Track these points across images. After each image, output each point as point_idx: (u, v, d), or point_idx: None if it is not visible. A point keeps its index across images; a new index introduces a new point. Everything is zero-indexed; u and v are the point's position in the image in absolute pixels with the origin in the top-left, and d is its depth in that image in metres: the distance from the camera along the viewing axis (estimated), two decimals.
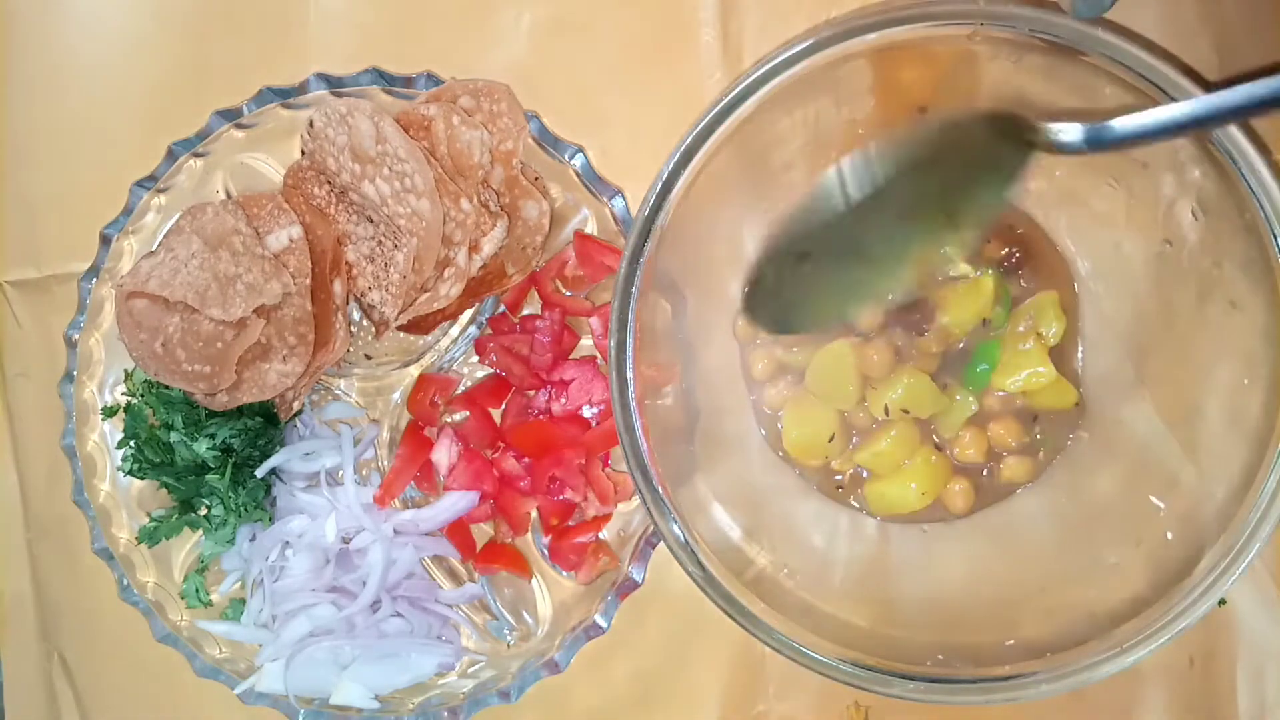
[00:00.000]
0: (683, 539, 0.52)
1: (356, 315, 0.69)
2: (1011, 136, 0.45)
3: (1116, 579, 0.54)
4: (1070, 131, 0.44)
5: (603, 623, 0.64)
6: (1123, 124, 0.42)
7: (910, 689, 0.51)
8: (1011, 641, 0.54)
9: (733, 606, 0.52)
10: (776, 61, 0.50)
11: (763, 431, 0.63)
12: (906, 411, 0.58)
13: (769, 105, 0.51)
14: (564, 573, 0.67)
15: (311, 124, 0.62)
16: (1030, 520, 0.61)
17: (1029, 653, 0.51)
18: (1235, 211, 0.48)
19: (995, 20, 0.48)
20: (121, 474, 0.68)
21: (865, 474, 0.61)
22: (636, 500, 0.66)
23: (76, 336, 0.69)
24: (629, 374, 0.52)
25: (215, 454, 0.65)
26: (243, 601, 0.67)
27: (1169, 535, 0.53)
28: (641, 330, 0.52)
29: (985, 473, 0.61)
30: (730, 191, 0.57)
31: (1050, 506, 0.61)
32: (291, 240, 0.63)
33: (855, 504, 0.62)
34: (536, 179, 0.66)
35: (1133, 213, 0.57)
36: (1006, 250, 0.60)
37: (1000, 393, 0.60)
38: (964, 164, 0.46)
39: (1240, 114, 0.40)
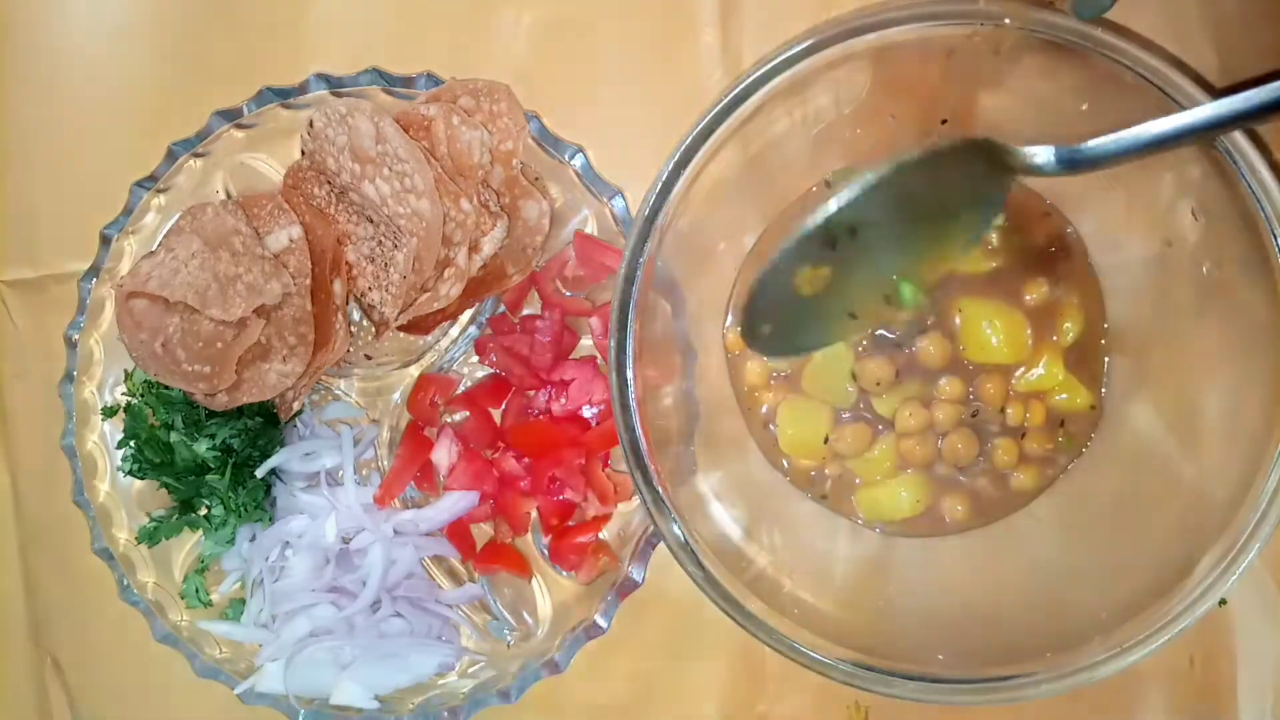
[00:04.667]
0: (683, 539, 0.52)
1: (356, 315, 0.69)
2: (989, 163, 0.47)
3: (1117, 579, 0.54)
4: (1043, 154, 0.45)
5: (603, 623, 0.64)
6: (1094, 145, 0.44)
7: (910, 689, 0.51)
8: (1012, 642, 0.54)
9: (732, 606, 0.52)
10: (776, 61, 0.50)
11: (758, 434, 0.63)
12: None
13: (769, 105, 0.52)
14: (564, 573, 0.67)
15: (311, 124, 0.62)
16: (1033, 524, 0.61)
17: (1029, 653, 0.51)
18: (1235, 211, 0.48)
19: (995, 20, 0.48)
20: (121, 474, 0.68)
21: (858, 481, 0.61)
22: (636, 500, 0.66)
23: (76, 337, 0.69)
24: (629, 374, 0.52)
25: (215, 454, 0.65)
26: (243, 601, 0.67)
27: (1169, 536, 0.53)
28: (641, 330, 0.52)
29: (988, 480, 0.61)
30: (730, 191, 0.57)
31: (1053, 511, 0.61)
32: (291, 240, 0.63)
33: (845, 512, 0.62)
34: (536, 179, 0.66)
35: (1133, 213, 0.57)
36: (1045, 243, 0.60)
37: (1005, 406, 0.60)
38: (946, 192, 0.47)
39: (1210, 130, 0.41)
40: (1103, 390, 0.60)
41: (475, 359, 0.68)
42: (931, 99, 0.58)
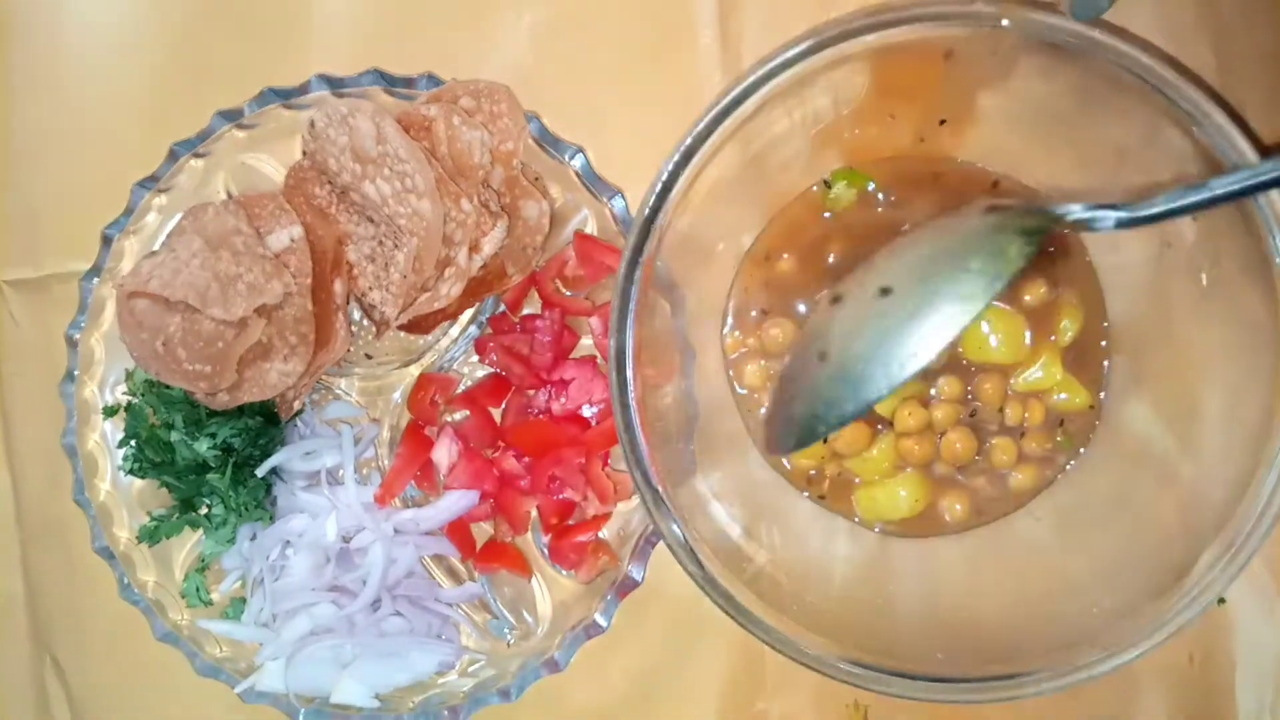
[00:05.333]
0: (682, 538, 0.52)
1: (357, 315, 0.69)
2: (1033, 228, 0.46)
3: (1115, 578, 0.55)
4: (1104, 220, 0.45)
5: (603, 622, 0.64)
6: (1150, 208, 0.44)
7: (910, 688, 0.51)
8: (1011, 641, 0.54)
9: (732, 605, 0.52)
10: (776, 62, 0.50)
11: (757, 434, 0.63)
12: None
13: (769, 105, 0.52)
14: (564, 572, 0.67)
15: (313, 124, 0.62)
16: (1031, 524, 0.61)
17: (1028, 651, 0.51)
18: (1234, 211, 0.48)
19: (993, 22, 0.49)
20: (122, 473, 0.68)
21: (857, 480, 0.61)
22: (636, 499, 0.66)
23: (78, 336, 0.69)
24: (629, 374, 0.52)
25: (216, 453, 0.65)
26: (243, 600, 0.68)
27: (1168, 535, 0.54)
28: (641, 330, 0.52)
29: (986, 480, 0.61)
30: (730, 191, 0.58)
31: (1052, 510, 0.61)
32: (292, 240, 0.63)
33: (844, 511, 0.62)
34: (536, 179, 0.66)
35: None
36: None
37: (1009, 404, 0.60)
38: (978, 252, 0.46)
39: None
40: (1101, 391, 0.60)
41: (475, 358, 0.69)
42: (930, 99, 0.58)
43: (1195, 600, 0.49)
